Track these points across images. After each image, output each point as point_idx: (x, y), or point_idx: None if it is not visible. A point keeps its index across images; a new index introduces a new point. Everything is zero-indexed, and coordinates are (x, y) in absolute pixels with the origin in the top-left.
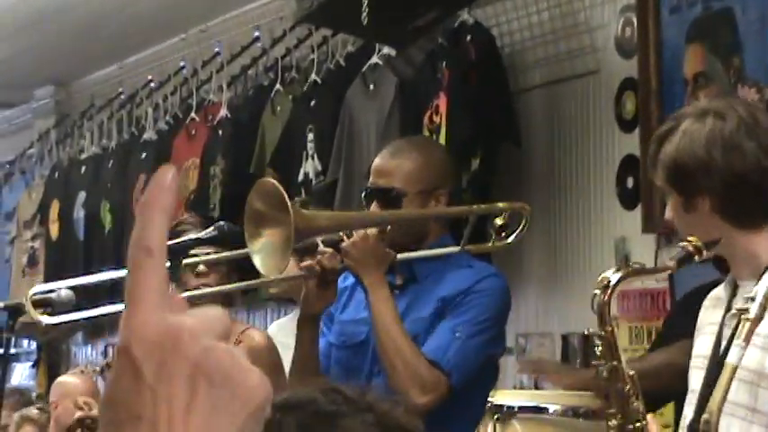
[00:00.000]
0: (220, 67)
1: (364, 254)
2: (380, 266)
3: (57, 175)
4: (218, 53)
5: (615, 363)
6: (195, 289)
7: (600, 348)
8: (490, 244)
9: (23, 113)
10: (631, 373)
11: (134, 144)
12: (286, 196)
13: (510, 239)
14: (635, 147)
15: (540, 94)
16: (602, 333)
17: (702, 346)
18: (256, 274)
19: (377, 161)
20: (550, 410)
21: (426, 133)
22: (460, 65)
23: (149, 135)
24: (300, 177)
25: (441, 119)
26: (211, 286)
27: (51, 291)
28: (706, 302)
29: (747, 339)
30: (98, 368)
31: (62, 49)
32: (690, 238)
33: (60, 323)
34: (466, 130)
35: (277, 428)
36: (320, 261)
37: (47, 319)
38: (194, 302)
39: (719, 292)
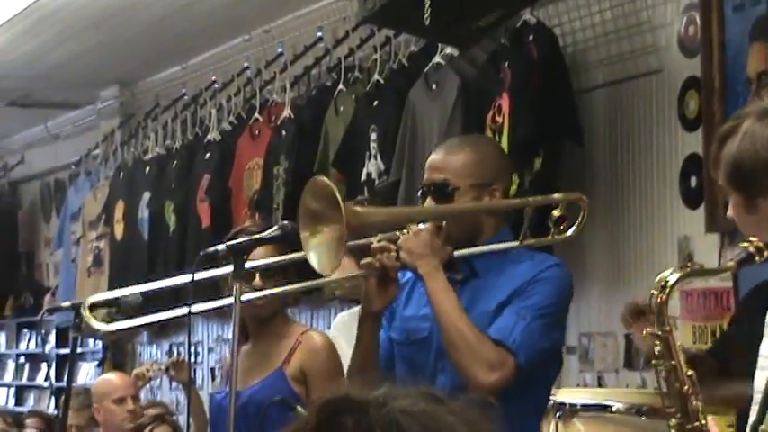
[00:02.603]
0: (283, 68)
1: (418, 246)
2: (435, 257)
3: (121, 175)
4: (281, 54)
5: (673, 362)
6: (259, 289)
7: (658, 348)
8: (550, 237)
9: (88, 115)
10: (690, 372)
11: (198, 144)
12: (338, 194)
13: (570, 232)
14: (698, 146)
15: (603, 94)
16: (660, 333)
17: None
18: (318, 273)
19: (431, 157)
20: (613, 408)
21: (489, 133)
22: (523, 65)
23: (213, 135)
24: (363, 177)
25: (503, 119)
26: (273, 286)
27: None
28: None
29: None
30: (163, 367)
31: (126, 50)
32: (751, 239)
33: (121, 329)
34: (529, 130)
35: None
36: (380, 259)
37: (105, 327)
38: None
39: None
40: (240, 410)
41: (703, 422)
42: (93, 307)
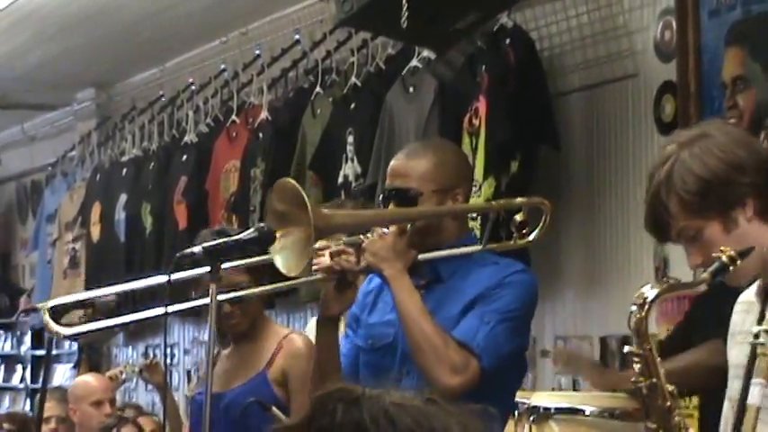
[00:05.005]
0: (261, 70)
1: (383, 249)
2: (400, 260)
3: (98, 177)
4: (258, 56)
5: (654, 380)
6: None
7: (639, 366)
8: (512, 242)
9: (65, 116)
10: (671, 388)
11: (175, 146)
12: (305, 195)
13: (531, 237)
14: None
15: (580, 98)
16: (641, 351)
17: (740, 355)
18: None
19: (393, 163)
20: (586, 412)
21: (466, 136)
22: (500, 68)
23: (190, 138)
24: (340, 180)
25: (480, 122)
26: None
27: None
28: (737, 307)
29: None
30: (136, 369)
31: (103, 51)
32: (723, 248)
33: (79, 333)
34: (505, 134)
35: (390, 420)
36: (339, 262)
37: (65, 331)
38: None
39: (750, 296)
40: (223, 412)
41: None
42: (66, 309)
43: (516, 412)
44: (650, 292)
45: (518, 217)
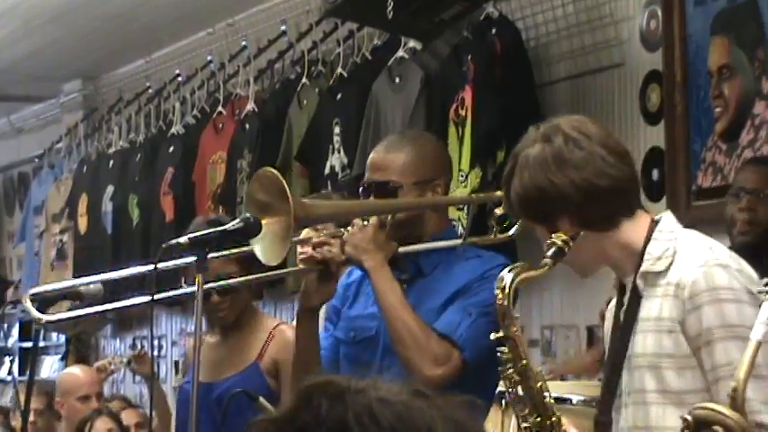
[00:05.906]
0: (247, 61)
1: (363, 241)
2: (380, 251)
3: (85, 169)
4: (244, 47)
5: (524, 362)
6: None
7: (506, 351)
8: (492, 236)
9: (52, 108)
10: (538, 369)
11: (162, 138)
12: (286, 185)
13: (512, 232)
14: (660, 139)
15: (565, 87)
16: (507, 335)
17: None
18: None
19: (372, 156)
20: (573, 401)
21: (452, 126)
22: (486, 58)
23: (177, 129)
24: (327, 171)
25: (466, 112)
26: (231, 299)
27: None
28: (606, 321)
29: None
30: (124, 360)
31: (90, 43)
32: (555, 235)
33: (60, 320)
34: (491, 123)
35: (373, 418)
36: (321, 252)
37: (46, 317)
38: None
39: (612, 304)
40: (215, 402)
41: (558, 415)
42: (54, 300)
43: (503, 402)
44: (507, 275)
45: (498, 211)
